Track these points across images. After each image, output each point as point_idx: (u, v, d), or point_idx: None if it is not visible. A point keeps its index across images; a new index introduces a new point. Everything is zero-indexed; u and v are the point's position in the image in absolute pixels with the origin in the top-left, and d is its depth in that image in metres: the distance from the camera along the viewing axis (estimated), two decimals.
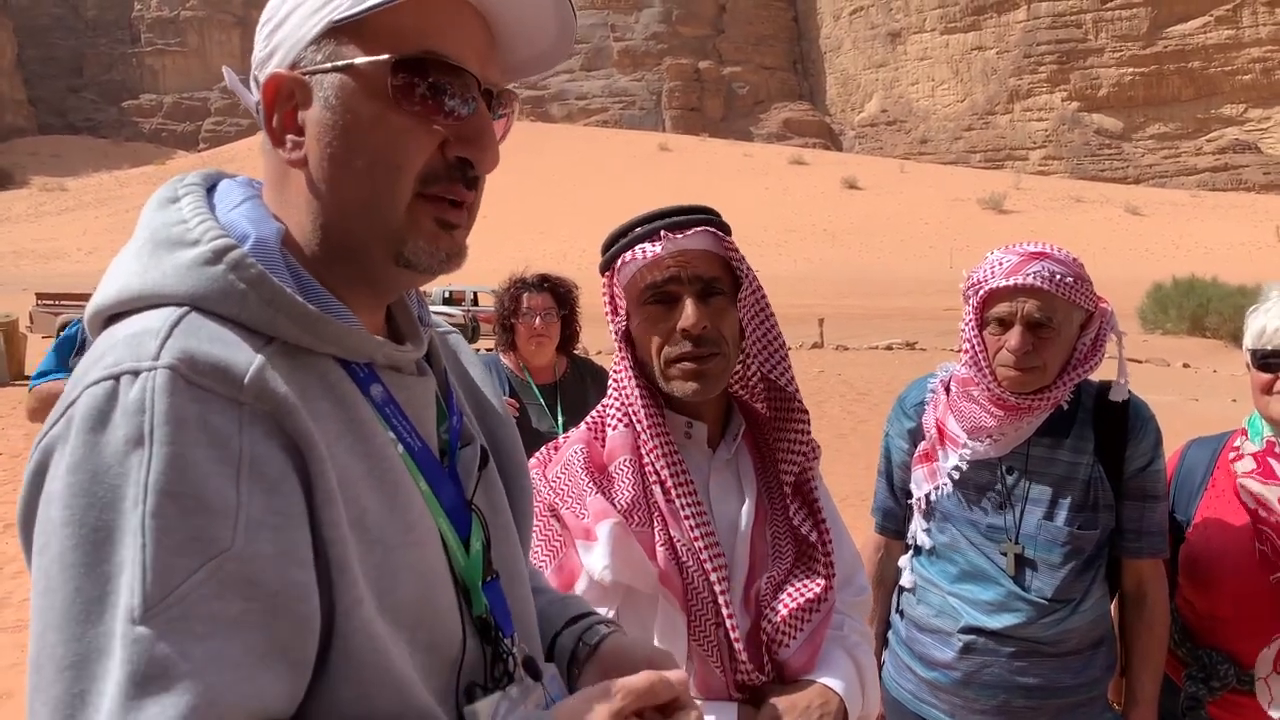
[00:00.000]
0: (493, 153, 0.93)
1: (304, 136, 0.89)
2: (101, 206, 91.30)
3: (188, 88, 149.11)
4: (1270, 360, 2.00)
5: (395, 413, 0.94)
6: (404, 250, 0.90)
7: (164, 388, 0.76)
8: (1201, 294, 25.24)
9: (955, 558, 2.12)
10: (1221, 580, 2.04)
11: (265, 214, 0.92)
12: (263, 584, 0.76)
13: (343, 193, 0.89)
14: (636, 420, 1.52)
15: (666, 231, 1.49)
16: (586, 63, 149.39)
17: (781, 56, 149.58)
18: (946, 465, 2.11)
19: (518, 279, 3.74)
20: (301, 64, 0.89)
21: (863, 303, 31.06)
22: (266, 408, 0.80)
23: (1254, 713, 2.03)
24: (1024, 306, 1.95)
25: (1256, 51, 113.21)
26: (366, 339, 0.91)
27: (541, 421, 3.63)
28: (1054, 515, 2.02)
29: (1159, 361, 19.29)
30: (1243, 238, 68.23)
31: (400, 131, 0.88)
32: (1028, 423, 2.04)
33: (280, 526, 0.78)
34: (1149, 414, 2.07)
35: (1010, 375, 1.98)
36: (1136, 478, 2.03)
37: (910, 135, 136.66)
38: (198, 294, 0.83)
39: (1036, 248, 1.99)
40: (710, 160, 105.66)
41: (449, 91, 0.89)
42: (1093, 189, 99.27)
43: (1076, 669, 2.06)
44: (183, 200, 0.90)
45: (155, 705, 0.69)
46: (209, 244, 0.85)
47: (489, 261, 5.89)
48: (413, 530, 0.90)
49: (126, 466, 0.73)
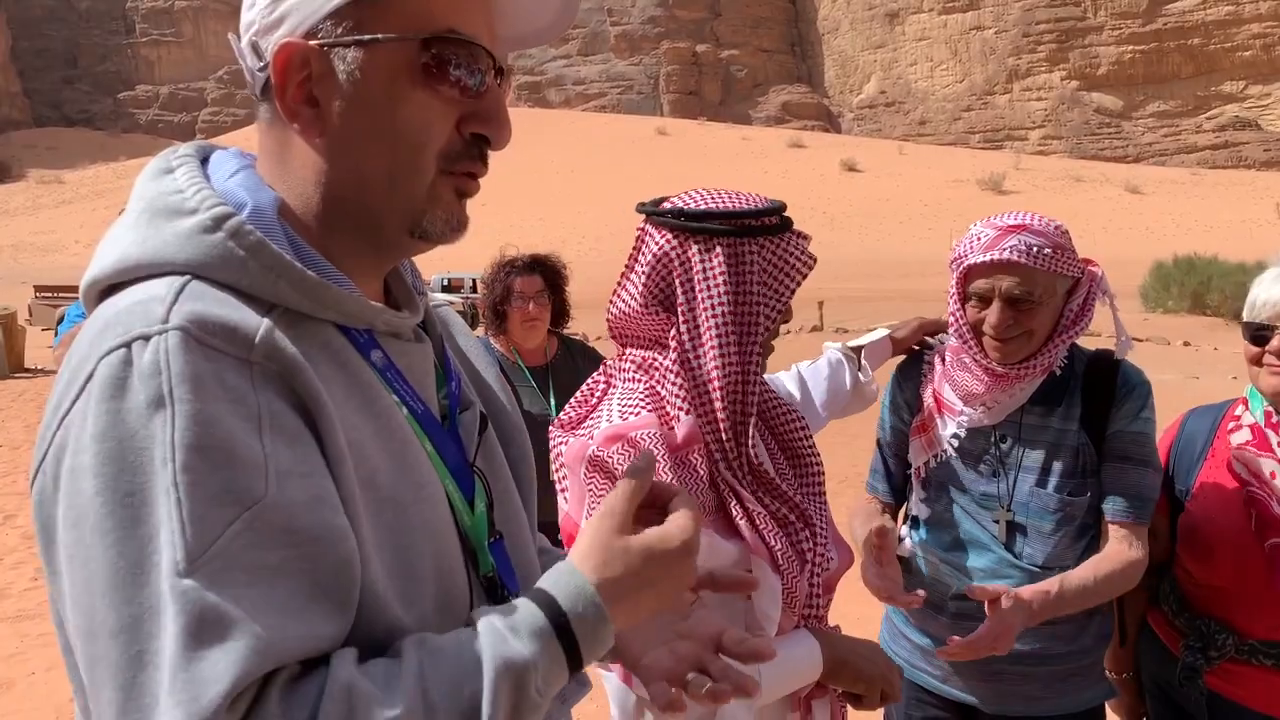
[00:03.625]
0: (507, 128, 0.95)
1: (317, 108, 0.89)
2: (99, 199, 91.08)
3: (183, 78, 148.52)
4: (1260, 333, 2.00)
5: (396, 377, 0.95)
6: (421, 222, 0.92)
7: (177, 348, 0.76)
8: (1202, 272, 25.23)
9: (949, 526, 2.13)
10: (1219, 550, 2.04)
11: (260, 183, 0.92)
12: (300, 530, 0.76)
13: (362, 165, 0.89)
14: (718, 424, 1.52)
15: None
16: (583, 47, 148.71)
17: (779, 39, 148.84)
18: (945, 434, 2.11)
19: (506, 262, 3.69)
20: (319, 34, 0.88)
21: (862, 285, 31.03)
22: (276, 368, 0.81)
23: (1252, 681, 2.03)
24: (1002, 284, 1.94)
25: (1257, 28, 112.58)
26: (366, 305, 0.92)
27: (534, 404, 3.60)
28: (1045, 482, 2.02)
29: (1160, 340, 19.28)
30: (1243, 215, 68.08)
31: (423, 109, 0.89)
32: (1020, 390, 2.04)
33: (307, 475, 0.79)
34: (1138, 380, 2.04)
35: (995, 346, 1.98)
36: (1116, 438, 2.01)
37: (909, 116, 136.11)
38: (198, 261, 0.83)
39: (1015, 220, 1.97)
40: (709, 144, 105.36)
41: (469, 68, 0.90)
42: (1093, 168, 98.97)
43: (1069, 637, 2.07)
44: (177, 170, 0.90)
45: (216, 652, 0.70)
46: (207, 212, 0.84)
47: (489, 249, 5.91)
48: (423, 489, 0.91)
49: (151, 429, 0.74)
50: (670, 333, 1.50)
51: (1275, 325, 1.96)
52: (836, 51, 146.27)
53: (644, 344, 1.55)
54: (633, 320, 1.55)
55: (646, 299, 1.51)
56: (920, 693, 2.22)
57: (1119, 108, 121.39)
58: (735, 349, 1.49)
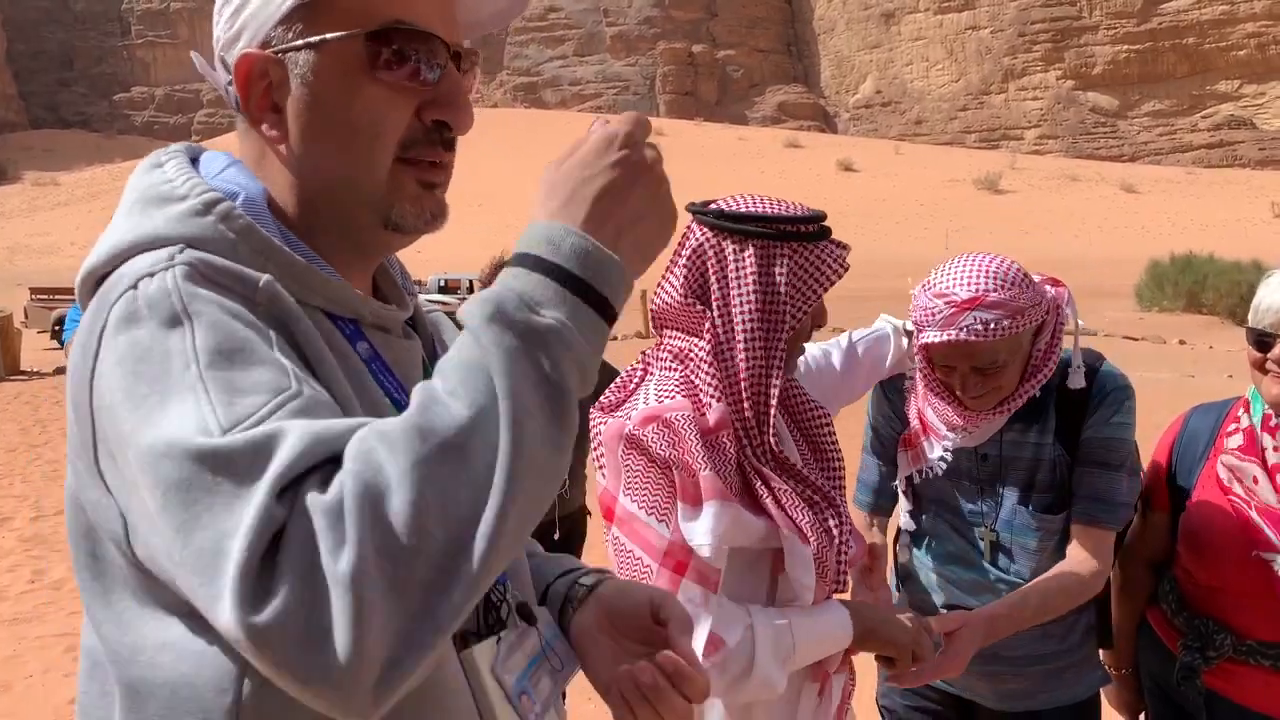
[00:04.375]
0: (467, 113, 0.95)
1: (281, 114, 0.91)
2: (95, 200, 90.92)
3: (179, 80, 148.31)
4: (1263, 339, 1.98)
5: (382, 369, 0.95)
6: (391, 214, 0.93)
7: (184, 276, 0.78)
8: (1198, 270, 25.29)
9: (937, 540, 2.16)
10: (1219, 551, 2.04)
11: (251, 177, 0.94)
12: (332, 413, 0.77)
13: (325, 165, 0.91)
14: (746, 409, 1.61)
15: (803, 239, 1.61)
16: (579, 48, 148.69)
17: (775, 39, 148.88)
18: (932, 456, 2.12)
19: (500, 263, 3.71)
20: (272, 43, 0.90)
21: (859, 284, 31.03)
22: (278, 313, 0.82)
23: (1250, 681, 2.03)
24: (963, 362, 1.91)
25: (1251, 27, 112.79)
26: (353, 294, 0.93)
27: None
28: (1027, 501, 2.04)
29: (1155, 338, 19.28)
30: (1239, 214, 68.22)
31: (377, 102, 0.90)
32: (998, 419, 2.03)
33: (323, 387, 0.80)
34: (1114, 386, 2.01)
35: (966, 399, 1.97)
36: (1086, 444, 2.00)
37: (905, 116, 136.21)
38: (190, 237, 0.84)
39: (968, 289, 1.85)
40: (705, 144, 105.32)
41: (420, 58, 0.90)
42: (1088, 167, 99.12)
43: (1059, 636, 2.11)
44: (167, 164, 0.92)
45: (276, 458, 0.69)
46: (198, 198, 0.86)
47: (486, 249, 5.88)
48: None
49: (168, 344, 0.75)
50: (705, 325, 1.59)
51: (1278, 333, 1.94)
52: (833, 51, 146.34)
53: (681, 334, 1.64)
54: (672, 311, 1.64)
55: (685, 291, 1.61)
56: (923, 688, 2.24)
57: (1114, 107, 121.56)
58: (761, 344, 1.58)
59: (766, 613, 1.62)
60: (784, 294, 1.58)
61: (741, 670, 1.56)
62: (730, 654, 1.56)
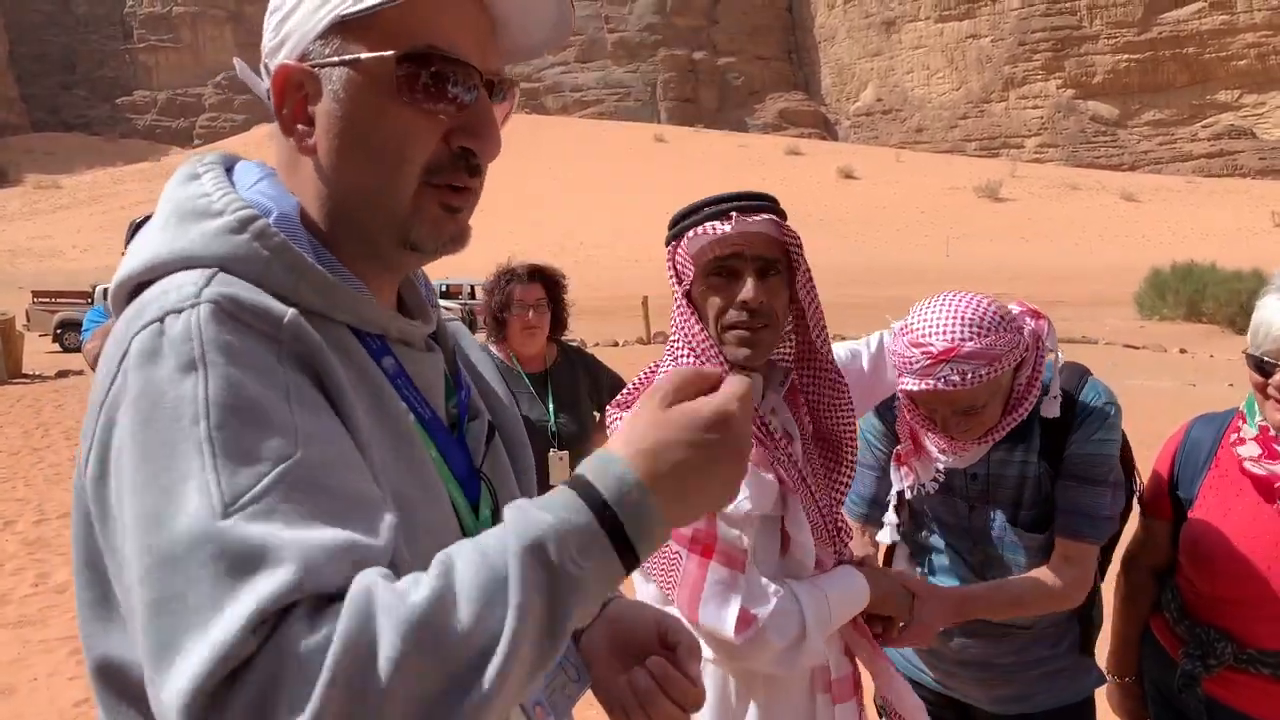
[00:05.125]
0: (494, 141, 0.96)
1: (314, 126, 0.93)
2: (96, 204, 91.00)
3: (181, 84, 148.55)
4: (1263, 364, 1.98)
5: (406, 384, 0.97)
6: (410, 235, 0.94)
7: (209, 318, 0.78)
8: (1198, 279, 25.30)
9: (929, 553, 2.21)
10: (1221, 560, 2.05)
11: (284, 191, 0.96)
12: (334, 487, 0.77)
13: (351, 181, 0.93)
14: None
15: (737, 214, 1.66)
16: (581, 54, 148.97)
17: (776, 46, 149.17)
18: (925, 476, 2.15)
19: (506, 271, 3.74)
20: (310, 56, 0.92)
21: (859, 292, 31.08)
22: (301, 349, 0.83)
23: (1250, 690, 2.05)
24: (942, 408, 1.94)
25: (1251, 37, 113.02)
26: (381, 310, 0.95)
27: (532, 409, 3.65)
28: (1015, 518, 2.07)
29: (1156, 347, 19.30)
30: (1239, 223, 68.28)
31: (405, 124, 0.91)
32: (986, 446, 2.07)
33: (332, 440, 0.80)
34: (1098, 404, 2.03)
35: (953, 435, 2.00)
36: (1069, 460, 2.03)
37: (906, 124, 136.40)
38: (225, 257, 0.86)
39: (945, 339, 1.86)
40: (706, 151, 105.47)
41: (451, 83, 0.91)
42: (1088, 176, 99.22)
43: (1051, 642, 2.16)
44: (204, 176, 0.94)
45: (253, 581, 0.68)
46: (233, 214, 0.88)
47: (488, 255, 5.88)
48: (427, 491, 0.93)
49: (182, 390, 0.75)
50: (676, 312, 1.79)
51: (1278, 363, 1.93)
52: (833, 59, 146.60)
53: (673, 326, 1.80)
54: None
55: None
56: (919, 689, 2.28)
57: (1115, 116, 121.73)
58: (696, 325, 1.72)
59: (802, 586, 1.71)
60: (690, 282, 1.73)
61: (796, 637, 1.65)
62: (781, 622, 1.64)
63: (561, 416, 3.69)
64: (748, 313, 1.68)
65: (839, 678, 1.81)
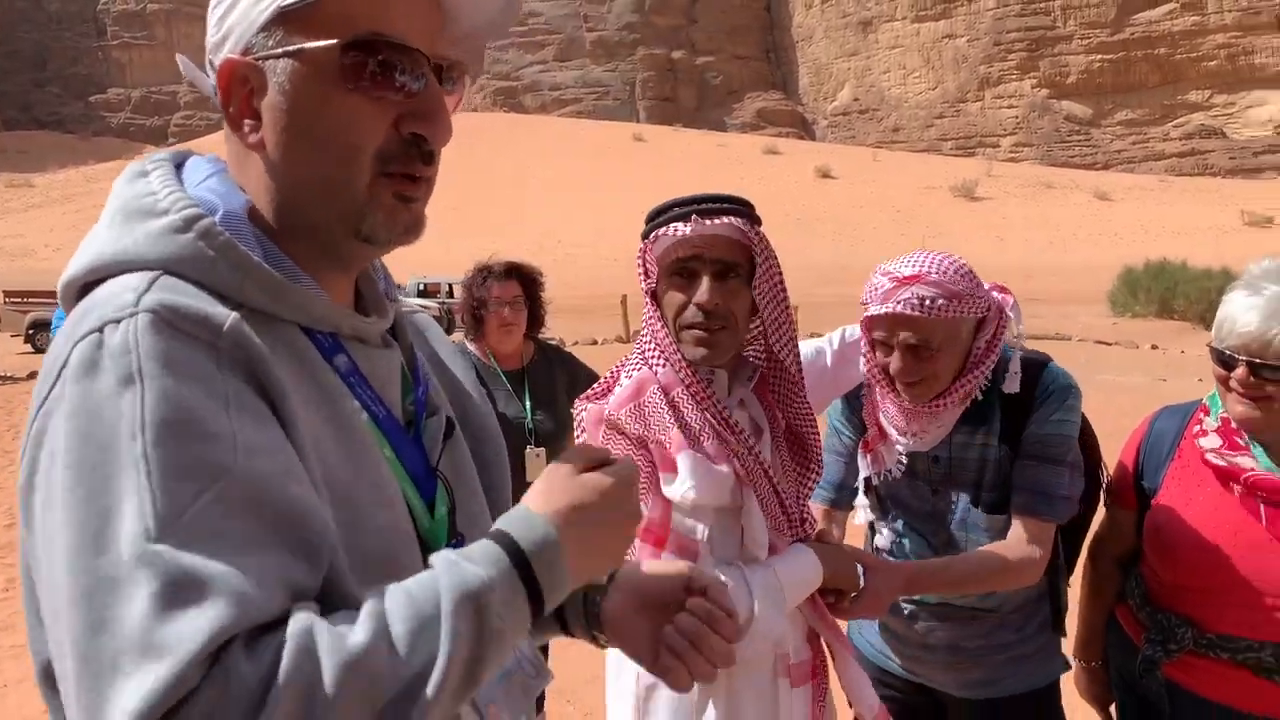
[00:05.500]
0: (445, 127, 0.96)
1: (260, 121, 0.91)
2: (69, 203, 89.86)
3: (156, 81, 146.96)
4: (1225, 358, 2.02)
5: (360, 382, 0.96)
6: (363, 226, 0.93)
7: (146, 329, 0.77)
8: (1169, 277, 25.61)
9: (895, 539, 2.24)
10: (1183, 548, 2.10)
11: (233, 187, 0.94)
12: (270, 502, 0.77)
13: (301, 174, 0.92)
14: (678, 368, 1.77)
15: (697, 216, 1.71)
16: (559, 53, 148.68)
17: (754, 46, 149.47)
18: (890, 459, 2.19)
19: (483, 268, 3.75)
20: (254, 50, 0.90)
21: (837, 290, 31.22)
22: (242, 356, 0.82)
23: (1208, 674, 2.09)
24: (898, 334, 1.98)
25: (1221, 38, 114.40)
26: (331, 308, 0.94)
27: (509, 407, 3.66)
28: (978, 499, 2.10)
29: (1128, 344, 19.52)
30: (1210, 221, 69.06)
31: (353, 112, 0.90)
32: (945, 418, 2.10)
33: (274, 451, 0.80)
34: (1057, 385, 2.08)
35: (903, 387, 2.03)
36: (1028, 440, 2.07)
37: (882, 124, 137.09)
38: (169, 258, 0.84)
39: (912, 268, 1.97)
40: (685, 150, 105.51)
41: (399, 70, 0.91)
42: (1063, 175, 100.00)
43: (1018, 626, 2.20)
44: (152, 174, 0.92)
45: (194, 609, 0.69)
46: (178, 213, 0.86)
47: (466, 253, 5.87)
48: (379, 491, 0.92)
49: (120, 405, 0.75)
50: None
51: (1240, 358, 1.98)
52: (811, 59, 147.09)
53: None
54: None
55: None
56: (886, 676, 2.33)
57: (1088, 116, 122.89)
58: (659, 323, 1.80)
59: (754, 568, 1.76)
60: (655, 281, 1.81)
61: (745, 621, 1.69)
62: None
63: (539, 414, 3.69)
64: (703, 314, 1.72)
65: (798, 662, 1.85)
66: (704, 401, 1.75)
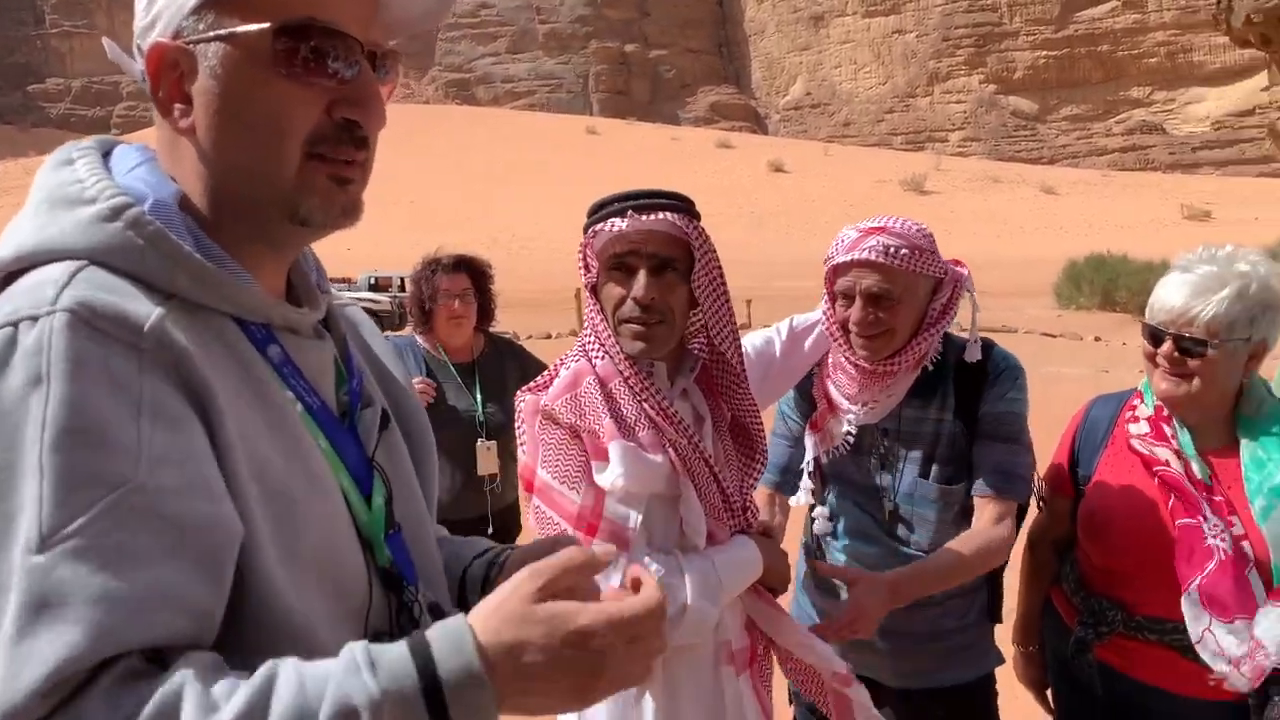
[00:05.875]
0: (378, 113, 0.95)
1: (191, 105, 0.90)
2: (7, 195, 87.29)
3: (97, 71, 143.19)
4: (1155, 334, 2.08)
5: (293, 373, 0.95)
6: (299, 209, 0.92)
7: (62, 329, 0.75)
8: (1111, 270, 26.13)
9: (842, 516, 2.25)
10: (1116, 533, 2.16)
11: (162, 176, 0.92)
12: (166, 516, 0.75)
13: (233, 158, 0.90)
14: (617, 360, 1.79)
15: (634, 212, 1.74)
16: (512, 45, 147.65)
17: (707, 40, 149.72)
18: (839, 430, 2.22)
19: (432, 260, 3.73)
20: (184, 33, 0.89)
21: (790, 284, 31.45)
22: (166, 356, 0.80)
23: (1138, 656, 2.15)
24: (862, 281, 2.05)
25: (1161, 35, 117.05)
26: (263, 298, 0.92)
27: (459, 400, 3.64)
28: (927, 473, 2.14)
29: (1072, 336, 19.91)
30: (1151, 215, 70.70)
31: (284, 97, 0.89)
32: (895, 387, 2.15)
33: (184, 461, 0.78)
34: (1009, 365, 2.17)
35: (860, 343, 2.08)
36: (985, 419, 2.13)
37: (834, 118, 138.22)
38: (96, 248, 0.83)
39: (877, 223, 2.08)
40: (639, 144, 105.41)
41: (331, 55, 0.90)
42: (1009, 169, 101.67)
43: (958, 614, 2.23)
44: (78, 162, 0.90)
45: (49, 632, 0.67)
46: (106, 201, 0.85)
47: (419, 247, 5.81)
48: (315, 482, 0.91)
49: (26, 406, 0.73)
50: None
51: (1168, 331, 2.03)
52: (763, 53, 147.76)
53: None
54: None
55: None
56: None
57: (1034, 111, 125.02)
58: (599, 317, 1.83)
59: (690, 556, 1.79)
60: (594, 271, 1.84)
61: (677, 610, 1.71)
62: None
63: (489, 407, 3.67)
64: (640, 308, 1.74)
65: (738, 649, 1.87)
66: (642, 393, 1.77)
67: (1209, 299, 1.97)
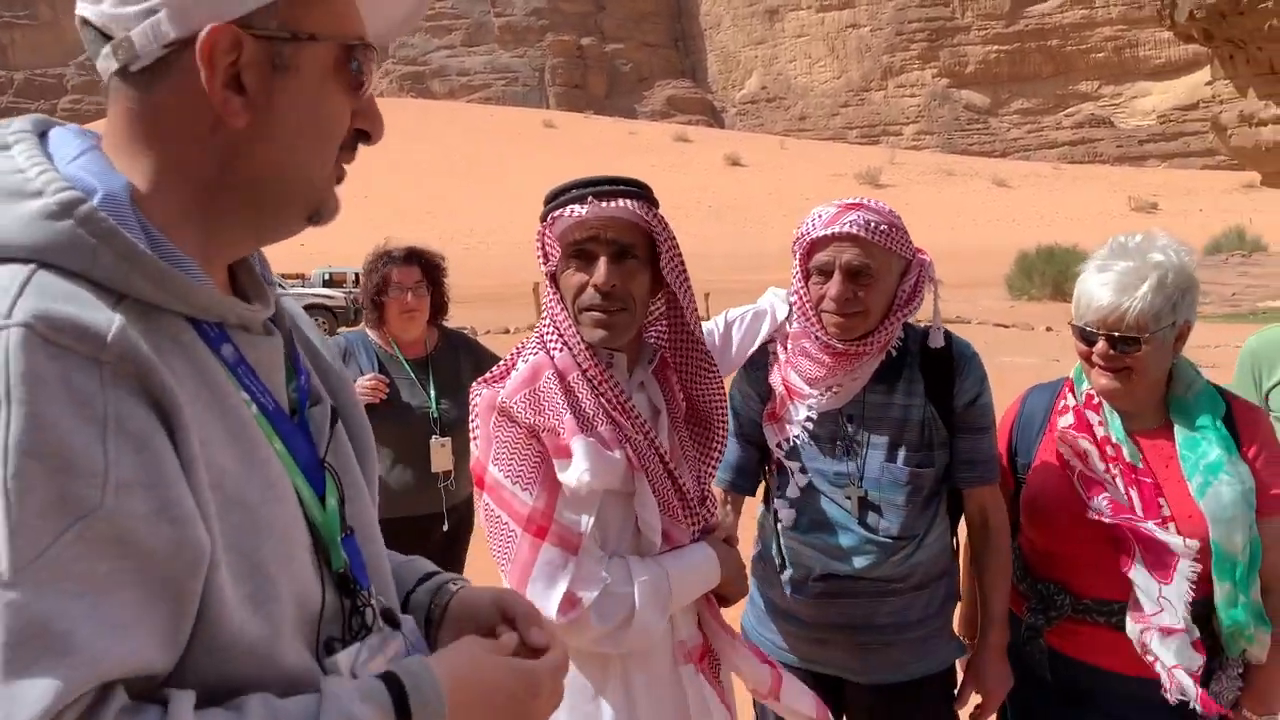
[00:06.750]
0: (382, 122, 1.01)
1: (244, 95, 0.88)
2: None
3: (40, 64, 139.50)
4: (1086, 333, 2.11)
5: (247, 372, 0.93)
6: (320, 208, 0.97)
7: (19, 346, 0.72)
8: (1061, 261, 26.52)
9: (807, 507, 2.21)
10: (1057, 519, 2.20)
11: (109, 166, 0.87)
12: (135, 543, 0.74)
13: (287, 155, 0.92)
14: (576, 351, 1.76)
15: (594, 198, 1.71)
16: (467, 38, 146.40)
17: (663, 33, 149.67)
18: (798, 417, 2.20)
19: (383, 253, 3.64)
20: (253, 24, 0.87)
21: (748, 277, 31.58)
22: (128, 368, 0.77)
23: (1087, 639, 2.19)
24: (842, 255, 2.06)
25: (1108, 31, 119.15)
26: (219, 297, 0.90)
27: (413, 396, 3.57)
28: (894, 457, 2.14)
29: (1024, 326, 20.23)
30: (1100, 207, 72.00)
31: (340, 106, 0.95)
32: (860, 371, 2.15)
33: (153, 484, 0.76)
34: (971, 353, 2.22)
35: (835, 321, 2.08)
36: (965, 412, 2.17)
37: (789, 112, 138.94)
38: (44, 247, 0.79)
39: (853, 200, 2.11)
40: (596, 138, 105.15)
41: (368, 71, 0.96)
42: (962, 163, 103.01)
43: (923, 603, 2.22)
44: (15, 148, 0.85)
45: (36, 668, 0.67)
46: (54, 196, 0.80)
47: (371, 243, 5.74)
48: (272, 488, 0.89)
49: None
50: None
51: (1099, 332, 2.07)
52: (719, 47, 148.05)
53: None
54: None
55: None
56: (790, 671, 2.26)
57: (986, 105, 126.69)
58: (559, 306, 1.80)
59: (643, 562, 1.76)
60: (554, 259, 1.81)
61: (624, 619, 1.70)
62: (607, 606, 1.69)
63: (443, 402, 3.60)
64: (601, 295, 1.72)
65: (693, 647, 1.85)
66: (601, 385, 1.74)
67: (1133, 295, 2.01)
